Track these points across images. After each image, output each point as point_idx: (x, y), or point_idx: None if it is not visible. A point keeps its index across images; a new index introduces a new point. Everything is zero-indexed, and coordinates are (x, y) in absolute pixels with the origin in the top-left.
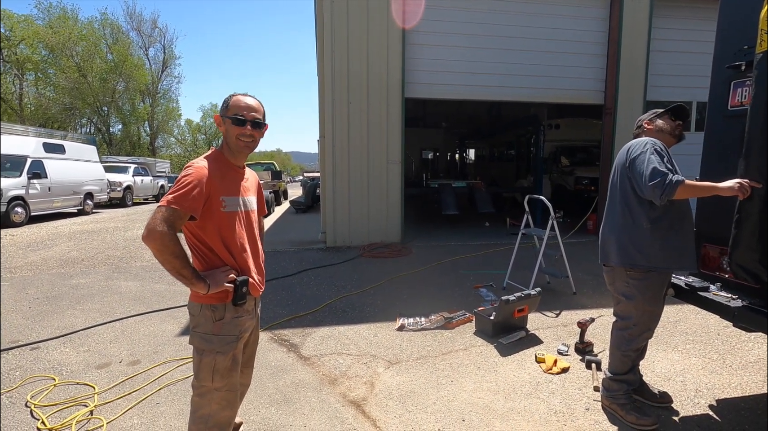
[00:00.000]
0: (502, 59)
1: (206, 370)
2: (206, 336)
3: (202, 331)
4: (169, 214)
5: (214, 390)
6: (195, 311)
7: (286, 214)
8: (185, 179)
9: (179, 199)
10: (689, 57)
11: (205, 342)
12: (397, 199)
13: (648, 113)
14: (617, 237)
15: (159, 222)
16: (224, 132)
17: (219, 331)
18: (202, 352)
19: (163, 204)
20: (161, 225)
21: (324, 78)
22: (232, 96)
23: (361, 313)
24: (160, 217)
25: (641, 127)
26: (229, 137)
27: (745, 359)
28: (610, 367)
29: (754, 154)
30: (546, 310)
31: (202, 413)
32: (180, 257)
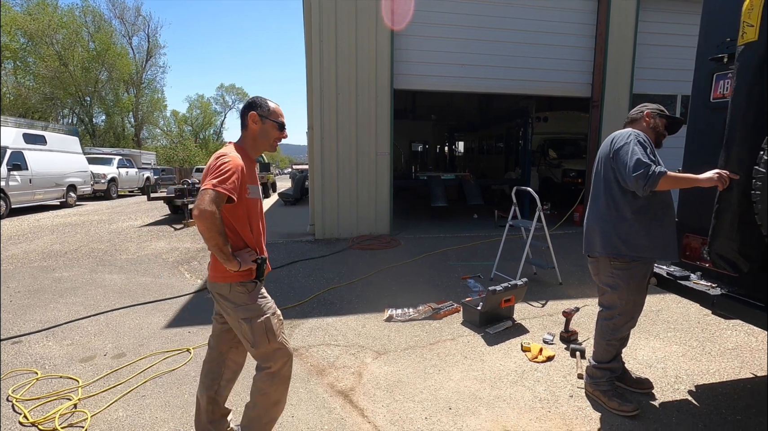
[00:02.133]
0: (491, 51)
1: (260, 333)
2: (247, 306)
3: (241, 303)
4: (215, 196)
5: (273, 350)
6: (225, 291)
7: (274, 206)
8: (225, 167)
9: (223, 183)
10: (675, 51)
11: (249, 311)
12: (386, 191)
13: (654, 106)
14: (602, 227)
15: (208, 204)
16: (258, 130)
17: (255, 299)
18: (251, 319)
19: (208, 187)
20: (210, 206)
21: (312, 69)
22: (266, 99)
23: (350, 305)
24: (208, 199)
25: (641, 113)
26: (265, 136)
27: (724, 346)
28: (595, 356)
29: (734, 145)
30: (532, 300)
31: (273, 371)
32: (223, 235)
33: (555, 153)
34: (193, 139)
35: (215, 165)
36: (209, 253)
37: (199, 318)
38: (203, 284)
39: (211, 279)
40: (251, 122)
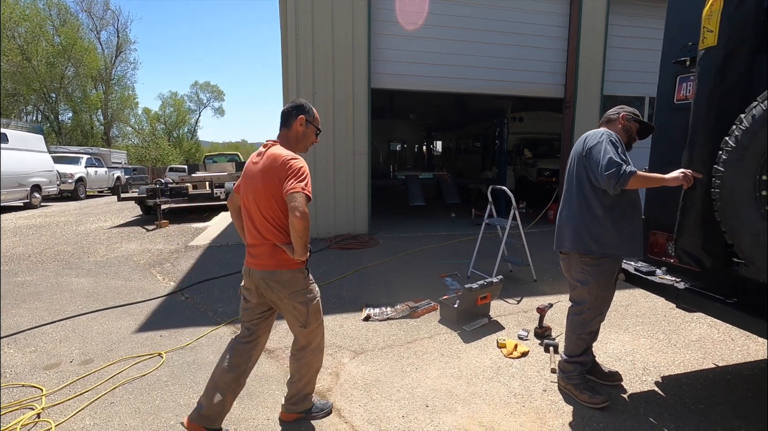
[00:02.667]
0: (467, 51)
1: (314, 313)
2: (305, 290)
3: (301, 288)
4: (307, 199)
5: (319, 325)
6: (287, 277)
7: None
8: (304, 170)
9: (307, 186)
10: (643, 54)
11: (308, 294)
12: (364, 190)
13: (630, 109)
14: (573, 224)
15: (305, 206)
16: (302, 132)
17: (309, 285)
18: (307, 302)
19: (299, 191)
20: (306, 208)
21: (288, 67)
22: (311, 105)
23: (327, 305)
24: (304, 201)
25: (618, 114)
26: (306, 139)
27: (688, 338)
28: (566, 350)
29: (696, 146)
30: (508, 297)
31: (314, 346)
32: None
33: (530, 152)
34: (166, 137)
35: (294, 167)
36: (188, 254)
37: (171, 321)
38: (177, 286)
39: (270, 268)
40: (298, 124)
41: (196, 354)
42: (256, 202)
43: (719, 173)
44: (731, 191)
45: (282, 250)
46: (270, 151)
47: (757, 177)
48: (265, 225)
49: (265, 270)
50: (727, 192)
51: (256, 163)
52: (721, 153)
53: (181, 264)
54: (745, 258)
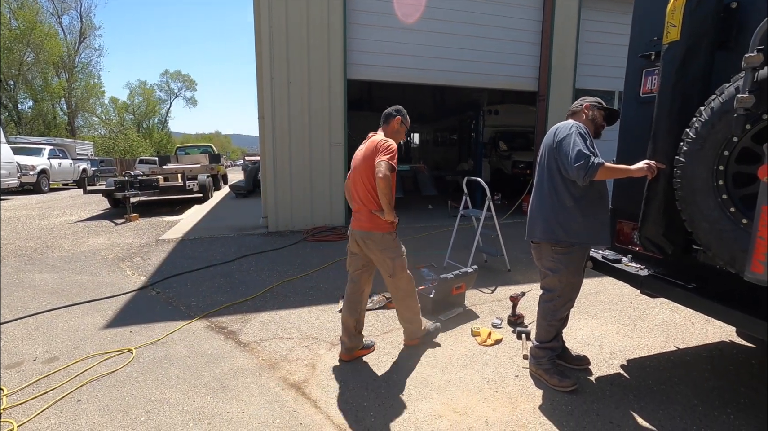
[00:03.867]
0: (444, 43)
1: (400, 267)
2: (393, 249)
3: (389, 247)
4: (390, 166)
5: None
6: (378, 238)
7: (225, 199)
8: (392, 147)
9: (393, 158)
10: (613, 49)
11: (395, 251)
12: (341, 182)
13: (592, 99)
14: (544, 215)
15: (386, 170)
16: (396, 129)
17: (396, 245)
18: (394, 258)
19: (384, 160)
20: (388, 171)
21: (262, 56)
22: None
23: (304, 297)
24: (386, 167)
25: (581, 105)
26: (398, 136)
27: (652, 323)
28: (537, 336)
29: (660, 137)
30: (482, 287)
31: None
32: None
33: (505, 145)
34: (135, 128)
35: (384, 145)
36: (159, 248)
37: (142, 316)
38: (147, 281)
39: (365, 229)
40: (395, 123)
41: (167, 349)
42: (360, 176)
43: (681, 164)
44: (691, 181)
45: (376, 216)
46: (370, 139)
47: (714, 167)
48: (364, 193)
49: (363, 230)
50: (687, 181)
51: (361, 150)
52: (683, 144)
53: (151, 258)
54: (703, 245)
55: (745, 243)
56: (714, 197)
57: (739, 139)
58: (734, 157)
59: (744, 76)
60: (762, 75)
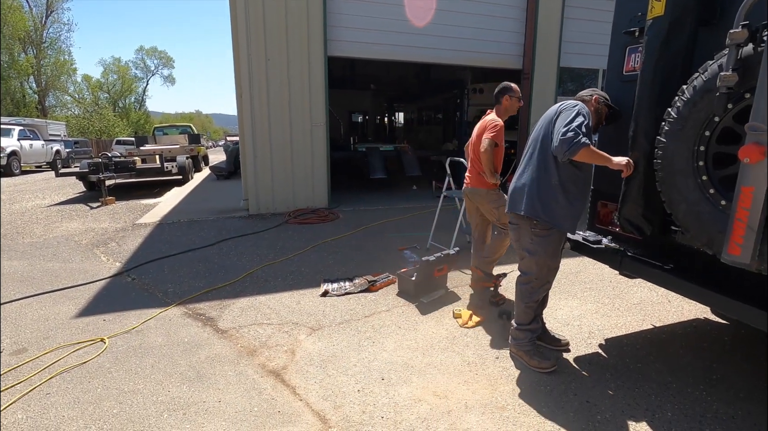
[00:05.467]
0: (428, 19)
1: (502, 213)
2: (496, 200)
3: (493, 200)
4: (491, 142)
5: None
6: (484, 193)
7: (206, 180)
8: (498, 126)
9: (497, 136)
10: (598, 26)
11: (497, 202)
12: (323, 163)
13: (602, 93)
14: (529, 188)
15: (488, 146)
16: (507, 106)
17: (498, 198)
18: (497, 207)
19: (487, 137)
20: (490, 147)
21: (238, 32)
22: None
23: (285, 281)
24: (489, 143)
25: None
26: (511, 109)
27: (630, 302)
28: (516, 318)
29: (641, 117)
30: (464, 268)
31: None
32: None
33: None
34: (110, 107)
35: (491, 124)
36: (135, 233)
37: (116, 304)
38: (122, 267)
39: (474, 186)
40: (505, 101)
41: (142, 338)
42: (474, 146)
43: (662, 143)
44: (671, 161)
45: (482, 176)
46: (484, 117)
47: (695, 147)
48: (474, 159)
49: (471, 187)
50: (667, 162)
51: (478, 125)
52: (664, 124)
53: (127, 243)
54: (681, 226)
55: (724, 225)
56: (694, 178)
57: (720, 118)
58: (715, 137)
59: (728, 53)
60: (746, 52)
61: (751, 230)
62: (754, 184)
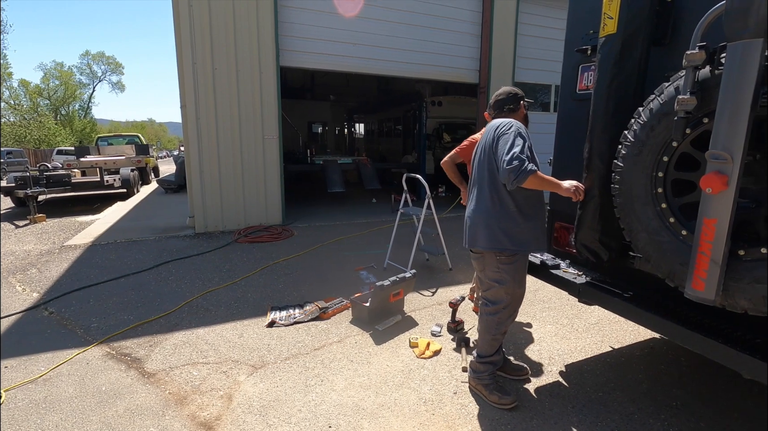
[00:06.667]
0: (386, 32)
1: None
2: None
3: None
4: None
5: None
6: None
7: (153, 194)
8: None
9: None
10: (551, 43)
11: None
12: (276, 177)
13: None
14: (487, 221)
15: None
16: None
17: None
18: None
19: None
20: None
21: (182, 38)
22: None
23: (228, 310)
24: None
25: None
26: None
27: (588, 322)
28: (479, 350)
29: (596, 137)
30: (423, 289)
31: None
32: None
33: (449, 136)
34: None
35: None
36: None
37: (24, 345)
38: (40, 298)
39: None
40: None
41: (49, 389)
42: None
43: (619, 168)
44: (629, 187)
45: None
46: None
47: (653, 173)
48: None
49: None
50: (626, 188)
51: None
52: (621, 148)
53: (51, 269)
54: (642, 256)
55: (685, 257)
56: (653, 206)
57: (678, 143)
58: (673, 163)
59: (685, 76)
60: (703, 74)
61: (715, 264)
62: (717, 216)
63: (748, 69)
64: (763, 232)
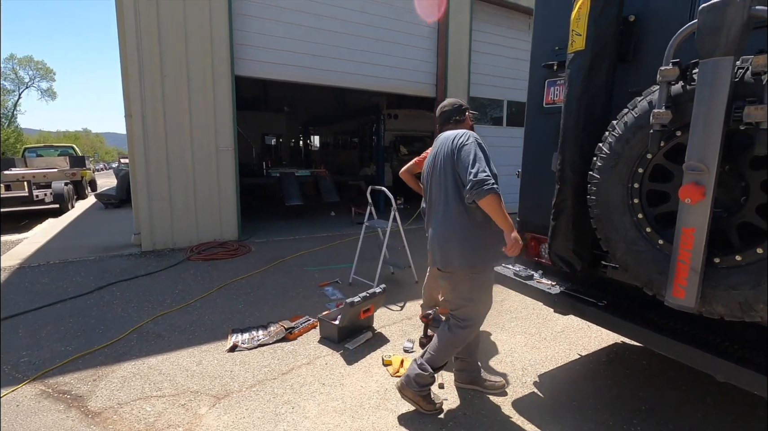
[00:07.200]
0: (345, 44)
1: None
2: None
3: None
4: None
5: None
6: None
7: (91, 210)
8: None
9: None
10: (502, 60)
11: None
12: (232, 191)
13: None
14: (458, 238)
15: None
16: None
17: None
18: None
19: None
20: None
21: (126, 43)
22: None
23: (183, 335)
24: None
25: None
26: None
27: (555, 329)
28: (433, 362)
29: (568, 150)
30: (391, 304)
31: None
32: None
33: (406, 149)
34: None
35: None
36: None
37: None
38: None
39: None
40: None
41: None
42: None
43: (595, 180)
44: (606, 198)
45: None
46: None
47: (629, 185)
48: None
49: None
50: (602, 199)
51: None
52: (596, 159)
53: None
54: (620, 266)
55: (663, 266)
56: (630, 216)
57: (653, 155)
58: (648, 174)
59: (659, 90)
60: (676, 90)
61: (695, 272)
62: (695, 225)
63: (720, 85)
64: (736, 240)
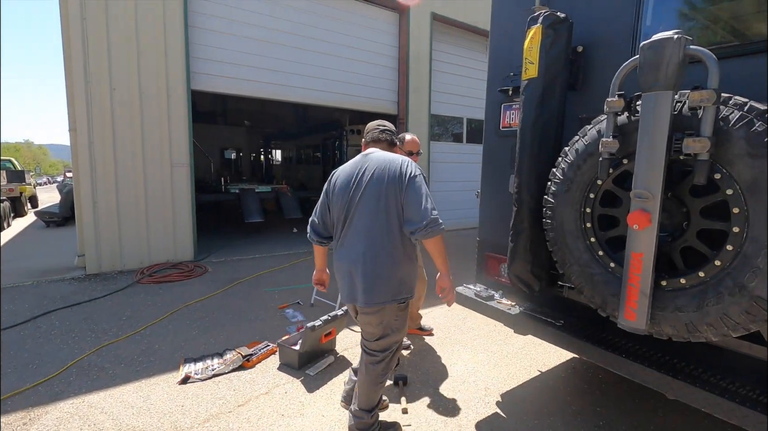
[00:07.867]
0: (304, 60)
1: None
2: None
3: None
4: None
5: None
6: None
7: (30, 229)
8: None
9: None
10: (461, 79)
11: None
12: (187, 208)
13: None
14: (387, 273)
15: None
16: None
17: None
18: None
19: None
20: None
21: (72, 53)
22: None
23: (130, 368)
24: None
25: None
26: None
27: (515, 346)
28: (366, 405)
29: (523, 173)
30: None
31: None
32: None
33: None
34: None
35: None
36: None
37: None
38: None
39: None
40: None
41: None
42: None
43: (550, 204)
44: (561, 222)
45: None
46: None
47: (581, 209)
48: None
49: None
50: (557, 223)
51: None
52: (551, 184)
53: None
54: (576, 287)
55: (616, 288)
56: (583, 240)
57: (603, 182)
58: (599, 199)
59: (606, 120)
60: (622, 120)
61: (644, 295)
62: (643, 250)
63: (661, 117)
64: (680, 264)
